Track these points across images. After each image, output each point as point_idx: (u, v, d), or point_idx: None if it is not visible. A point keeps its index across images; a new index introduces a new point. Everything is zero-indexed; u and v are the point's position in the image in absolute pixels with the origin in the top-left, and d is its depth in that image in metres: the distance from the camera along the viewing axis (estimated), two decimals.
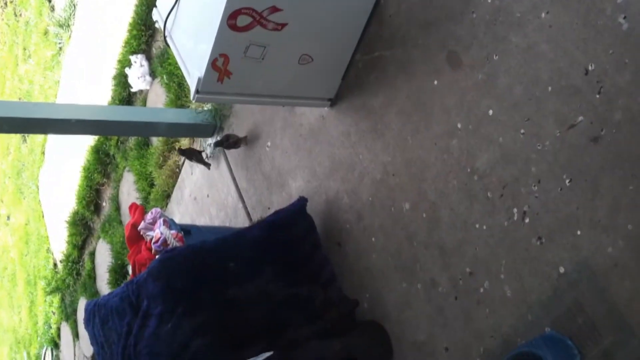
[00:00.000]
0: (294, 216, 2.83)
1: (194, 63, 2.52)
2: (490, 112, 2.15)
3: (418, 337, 2.44)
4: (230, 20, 2.28)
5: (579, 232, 1.89)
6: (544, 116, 1.98)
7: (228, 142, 3.51)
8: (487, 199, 2.17)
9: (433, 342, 2.38)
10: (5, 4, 7.98)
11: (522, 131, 2.05)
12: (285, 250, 2.77)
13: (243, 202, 3.53)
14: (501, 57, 2.11)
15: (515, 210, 2.08)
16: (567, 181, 1.92)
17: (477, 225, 2.21)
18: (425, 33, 2.37)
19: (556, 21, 1.94)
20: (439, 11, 2.32)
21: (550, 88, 1.96)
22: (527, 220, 2.04)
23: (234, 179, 3.61)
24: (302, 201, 2.85)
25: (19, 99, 7.26)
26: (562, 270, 1.94)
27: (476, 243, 2.21)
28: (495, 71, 2.13)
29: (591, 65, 1.85)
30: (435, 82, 2.34)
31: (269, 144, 3.28)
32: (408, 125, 2.46)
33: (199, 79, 2.45)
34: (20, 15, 7.45)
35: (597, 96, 1.83)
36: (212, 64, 2.41)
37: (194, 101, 2.59)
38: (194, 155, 3.75)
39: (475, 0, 2.18)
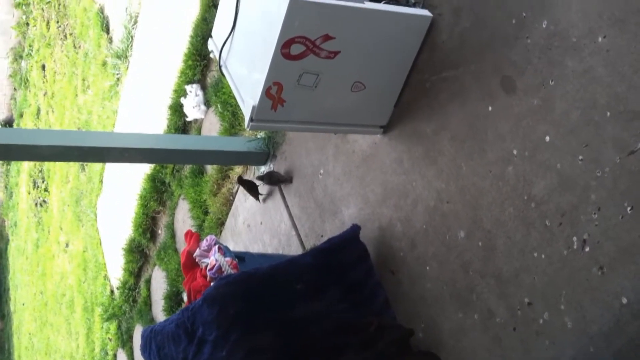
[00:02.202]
0: (347, 243, 2.84)
1: (248, 91, 2.58)
2: (547, 138, 2.12)
3: None
4: (284, 48, 2.34)
5: None
6: (603, 142, 1.95)
7: (270, 180, 3.58)
8: (545, 227, 2.13)
9: None
10: (65, 36, 8.31)
11: (580, 157, 2.02)
12: (338, 277, 2.78)
13: (296, 229, 3.56)
14: (557, 82, 2.09)
15: (574, 238, 2.04)
16: (629, 209, 1.88)
17: (535, 254, 2.17)
18: (479, 58, 2.37)
19: (613, 45, 1.92)
20: (493, 36, 2.32)
21: (608, 113, 1.93)
22: (587, 249, 2.00)
23: (287, 206, 3.65)
24: (355, 228, 2.86)
25: (78, 128, 7.51)
26: (624, 300, 1.89)
27: (534, 272, 2.18)
28: (551, 96, 2.11)
29: None
30: (490, 108, 2.34)
31: (321, 171, 3.31)
32: (462, 152, 2.46)
33: (253, 107, 2.50)
34: (80, 47, 7.74)
35: None
36: (266, 92, 2.46)
37: (248, 129, 2.64)
38: (252, 188, 3.79)
39: (530, 25, 2.17)
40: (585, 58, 2.00)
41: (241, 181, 3.82)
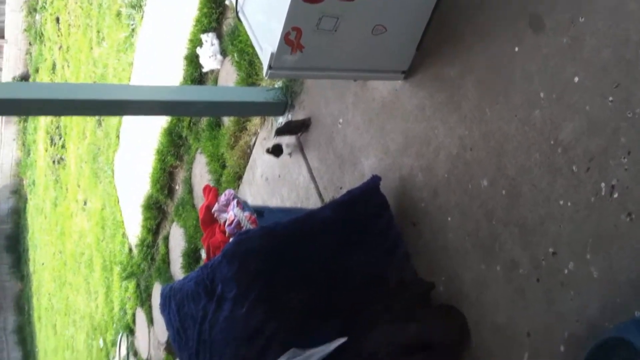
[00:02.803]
0: (367, 195, 2.83)
1: (266, 38, 2.56)
2: (576, 78, 2.08)
3: (498, 321, 2.40)
4: None
5: None
6: (635, 81, 1.90)
7: (290, 128, 3.56)
8: (572, 173, 2.10)
9: (514, 326, 2.33)
10: None
11: (610, 98, 1.97)
12: (359, 229, 2.78)
13: (315, 182, 3.56)
14: (587, 19, 2.03)
15: (602, 184, 2.01)
16: None
17: (561, 202, 2.15)
18: None
19: None
20: None
21: None
22: (615, 195, 1.97)
23: (305, 158, 3.65)
24: (375, 179, 2.85)
25: (94, 82, 7.55)
26: None
27: (560, 221, 2.15)
28: (581, 34, 2.06)
29: None
30: (516, 49, 2.29)
31: (340, 120, 3.29)
32: (486, 96, 2.42)
33: (272, 54, 2.48)
34: None
35: None
36: (285, 37, 2.43)
37: (266, 77, 2.63)
38: (278, 151, 3.79)
39: None
40: None
41: (270, 151, 3.79)
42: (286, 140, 3.79)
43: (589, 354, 1.94)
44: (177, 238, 5.47)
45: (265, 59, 2.53)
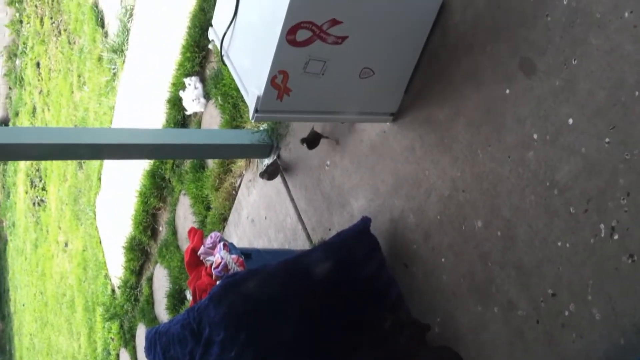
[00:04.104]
0: (357, 237, 2.74)
1: (252, 81, 2.47)
2: (570, 120, 2.02)
3: None
4: (290, 35, 2.23)
5: None
6: (631, 123, 1.85)
7: (271, 173, 3.51)
8: (570, 215, 2.03)
9: None
10: (59, 32, 8.18)
11: (607, 140, 1.91)
12: (350, 272, 2.69)
13: (302, 223, 3.45)
14: (580, 61, 1.98)
15: (602, 225, 1.94)
16: None
17: (559, 243, 2.07)
18: (495, 39, 2.26)
19: None
20: (509, 16, 2.21)
21: (637, 93, 1.83)
22: (615, 237, 1.90)
23: (292, 199, 3.55)
24: (365, 221, 2.76)
25: (75, 126, 7.40)
26: None
27: (558, 262, 2.07)
28: (574, 76, 2.00)
29: None
30: (507, 91, 2.23)
31: (328, 162, 3.20)
32: (478, 138, 2.35)
33: (258, 98, 2.40)
34: (74, 42, 7.62)
35: None
36: (272, 81, 2.36)
37: (253, 121, 2.54)
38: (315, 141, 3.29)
39: (549, 3, 2.06)
40: (611, 35, 1.89)
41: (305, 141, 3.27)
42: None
43: None
44: (161, 279, 5.31)
45: (251, 103, 2.45)
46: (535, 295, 2.16)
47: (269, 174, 3.59)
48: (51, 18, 8.60)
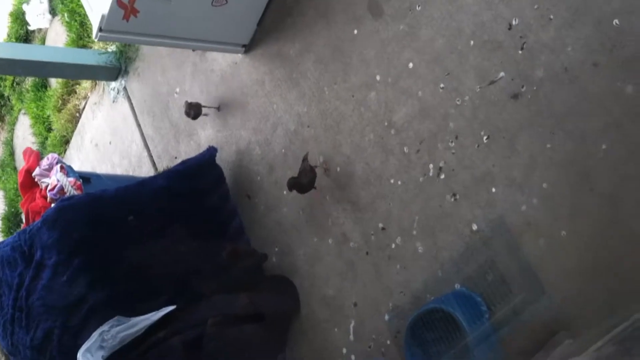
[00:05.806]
0: (203, 166, 2.68)
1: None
2: (411, 65, 2.07)
3: (327, 292, 2.38)
4: None
5: (494, 190, 1.86)
6: (465, 71, 1.92)
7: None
8: (404, 154, 2.10)
9: (342, 296, 2.32)
10: None
11: (441, 85, 1.98)
12: (192, 201, 2.63)
13: (148, 150, 3.33)
14: (424, 8, 2.02)
15: (431, 165, 2.03)
16: (485, 138, 1.88)
17: (392, 181, 2.14)
18: None
19: None
20: None
21: (472, 42, 1.90)
22: (442, 177, 2.00)
23: (139, 125, 3.40)
24: (211, 151, 2.70)
25: None
26: (475, 227, 1.91)
27: (390, 198, 2.15)
28: (417, 22, 2.05)
29: (515, 20, 1.80)
30: (355, 32, 2.24)
31: (177, 90, 3.09)
32: (325, 75, 2.36)
33: (103, 16, 2.26)
34: None
35: (520, 52, 1.79)
36: (118, 0, 2.21)
37: (96, 40, 2.38)
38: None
39: None
40: None
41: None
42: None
43: (411, 323, 1.96)
44: None
45: (95, 21, 2.30)
46: (367, 229, 2.23)
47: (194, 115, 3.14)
48: None
